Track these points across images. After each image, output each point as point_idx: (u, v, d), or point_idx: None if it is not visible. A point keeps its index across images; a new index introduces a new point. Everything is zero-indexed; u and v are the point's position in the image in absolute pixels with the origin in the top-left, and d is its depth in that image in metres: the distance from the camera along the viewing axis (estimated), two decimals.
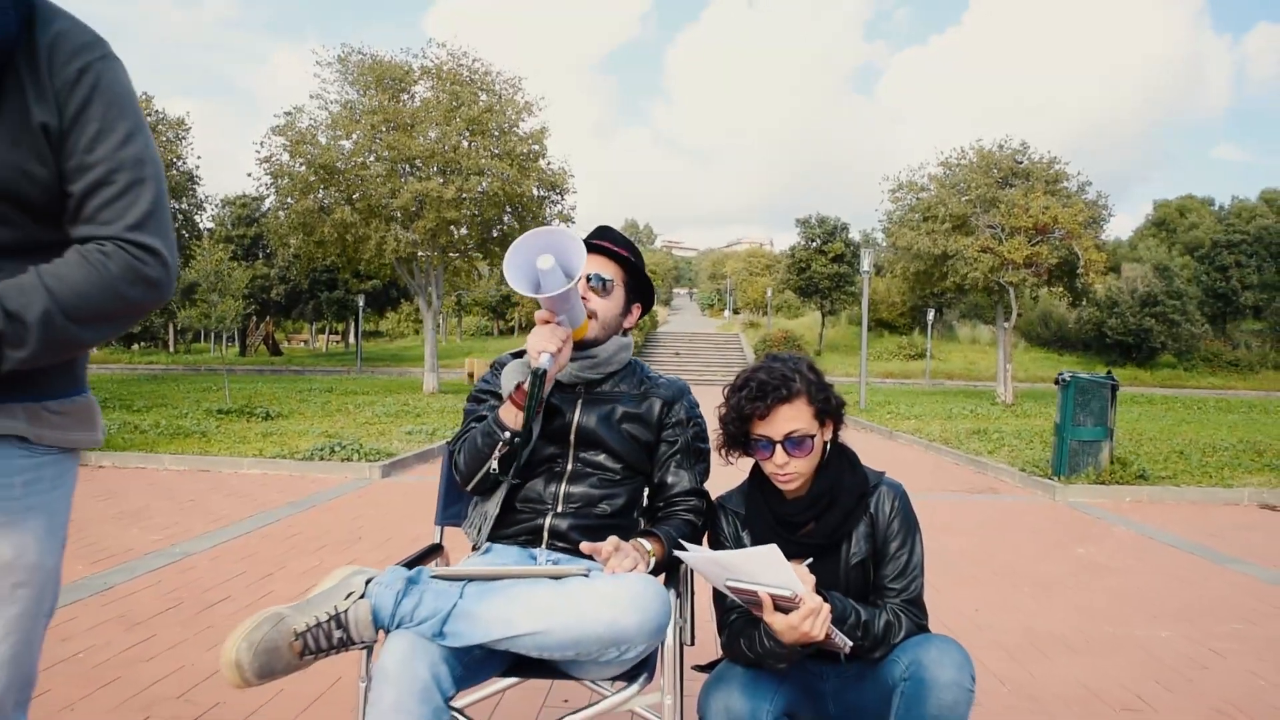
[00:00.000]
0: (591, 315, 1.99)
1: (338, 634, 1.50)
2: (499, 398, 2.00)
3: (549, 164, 20.51)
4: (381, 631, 1.55)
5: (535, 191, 20.39)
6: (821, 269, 39.50)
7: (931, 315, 35.66)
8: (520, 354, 1.97)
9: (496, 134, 19.49)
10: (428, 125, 19.00)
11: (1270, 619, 3.97)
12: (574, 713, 1.64)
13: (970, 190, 21.62)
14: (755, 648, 1.76)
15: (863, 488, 1.87)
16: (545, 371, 1.75)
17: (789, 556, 1.61)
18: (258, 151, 18.70)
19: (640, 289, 2.12)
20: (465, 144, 19.17)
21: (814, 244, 40.43)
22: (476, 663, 1.59)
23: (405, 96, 19.81)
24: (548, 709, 2.75)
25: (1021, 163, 22.18)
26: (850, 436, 1.95)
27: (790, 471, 1.80)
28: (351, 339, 46.73)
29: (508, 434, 1.84)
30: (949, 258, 21.20)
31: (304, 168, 18.60)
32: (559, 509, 1.91)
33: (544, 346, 1.77)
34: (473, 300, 48.15)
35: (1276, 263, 46.92)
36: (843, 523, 1.84)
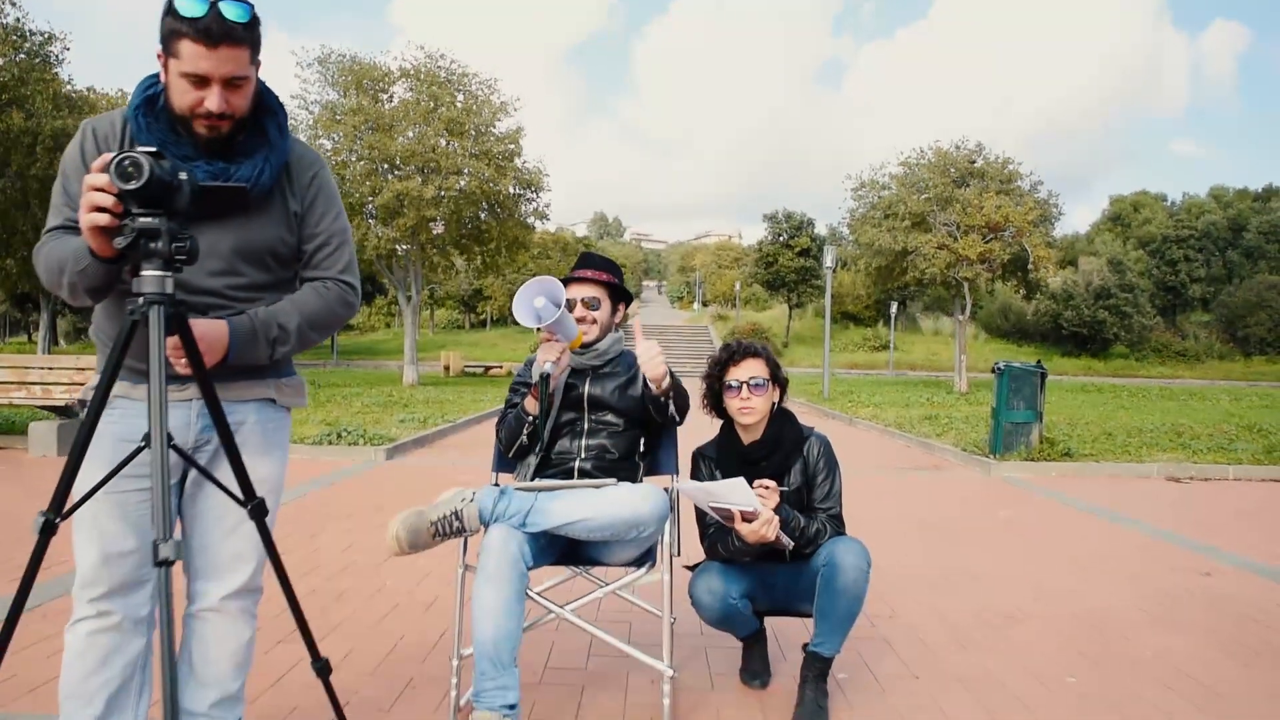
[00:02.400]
0: (593, 322, 2.78)
1: (456, 524, 2.31)
2: (530, 386, 2.80)
3: (524, 163, 21.22)
4: (483, 526, 2.35)
5: (512, 189, 21.09)
6: (788, 263, 40.57)
7: (895, 308, 36.86)
8: None
9: (473, 134, 20.15)
10: (407, 126, 19.62)
11: (1140, 560, 4.87)
12: (604, 586, 2.46)
13: (929, 189, 22.69)
14: (728, 547, 2.59)
15: (798, 437, 2.71)
16: (549, 375, 2.56)
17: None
18: None
19: (621, 293, 2.92)
20: (444, 144, 19.82)
21: (781, 238, 41.49)
22: (542, 550, 2.41)
23: (384, 97, 20.40)
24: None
25: (976, 163, 23.26)
26: (812, 422, 2.80)
27: (751, 406, 2.63)
28: None
29: (530, 418, 2.65)
30: (909, 254, 22.26)
31: None
32: (582, 455, 2.71)
33: (547, 357, 2.57)
34: (445, 294, 48.62)
35: (1223, 257, 48.86)
36: (785, 461, 2.68)
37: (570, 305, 2.75)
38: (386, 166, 19.90)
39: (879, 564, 4.43)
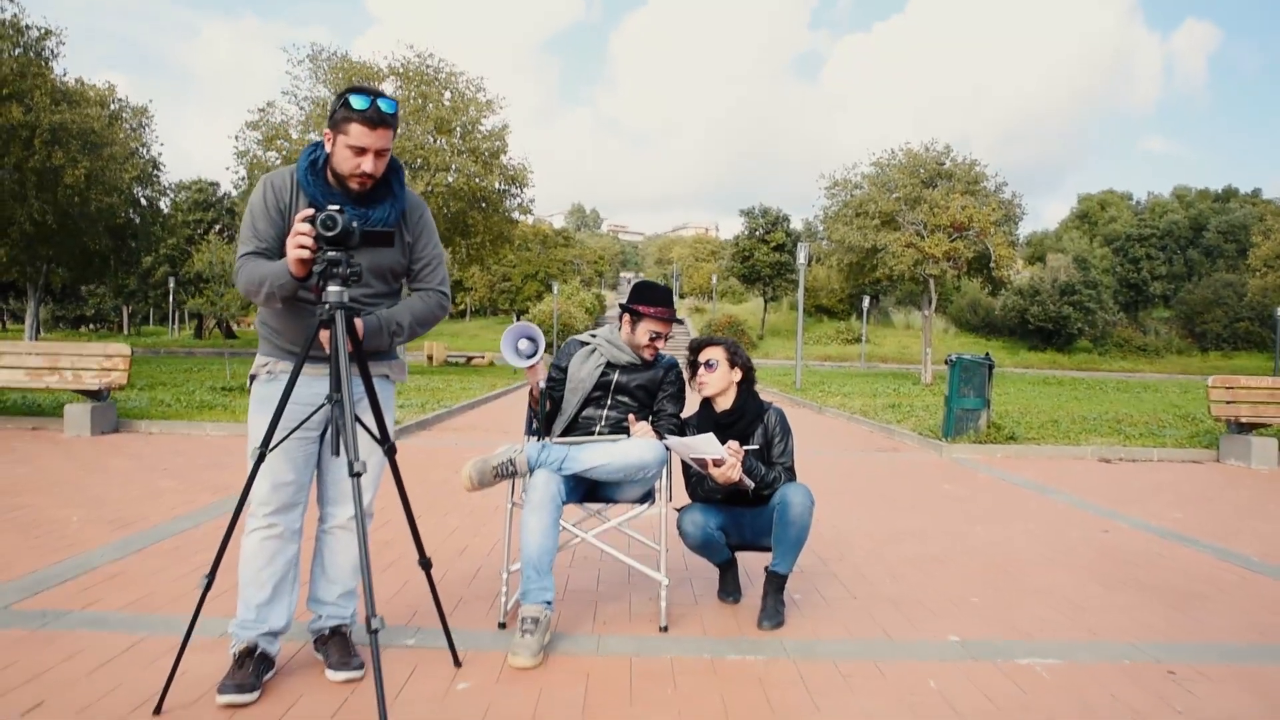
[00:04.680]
0: (658, 349, 3.56)
1: (511, 468, 3.12)
2: (563, 370, 3.60)
3: (510, 159, 21.94)
4: (529, 470, 3.16)
5: (497, 185, 21.81)
6: (764, 257, 41.49)
7: (867, 302, 37.91)
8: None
9: (460, 132, 20.83)
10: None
11: (1055, 522, 5.77)
12: (617, 519, 3.30)
13: (899, 189, 23.66)
14: (704, 488, 3.43)
15: (760, 408, 3.55)
16: (544, 388, 3.39)
17: (722, 443, 3.28)
18: (235, 145, 19.80)
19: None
20: (432, 141, 20.49)
21: (757, 233, 42.39)
22: (572, 490, 3.23)
23: None
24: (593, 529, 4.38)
25: (945, 164, 24.25)
26: (783, 410, 3.63)
27: (706, 380, 3.49)
28: None
29: (536, 413, 3.49)
30: (878, 251, 23.24)
31: (279, 161, 19.75)
32: (602, 423, 3.53)
33: (539, 378, 3.38)
34: None
35: (1184, 255, 50.43)
36: (748, 426, 3.52)
37: (655, 337, 3.52)
38: None
39: (835, 525, 5.33)
